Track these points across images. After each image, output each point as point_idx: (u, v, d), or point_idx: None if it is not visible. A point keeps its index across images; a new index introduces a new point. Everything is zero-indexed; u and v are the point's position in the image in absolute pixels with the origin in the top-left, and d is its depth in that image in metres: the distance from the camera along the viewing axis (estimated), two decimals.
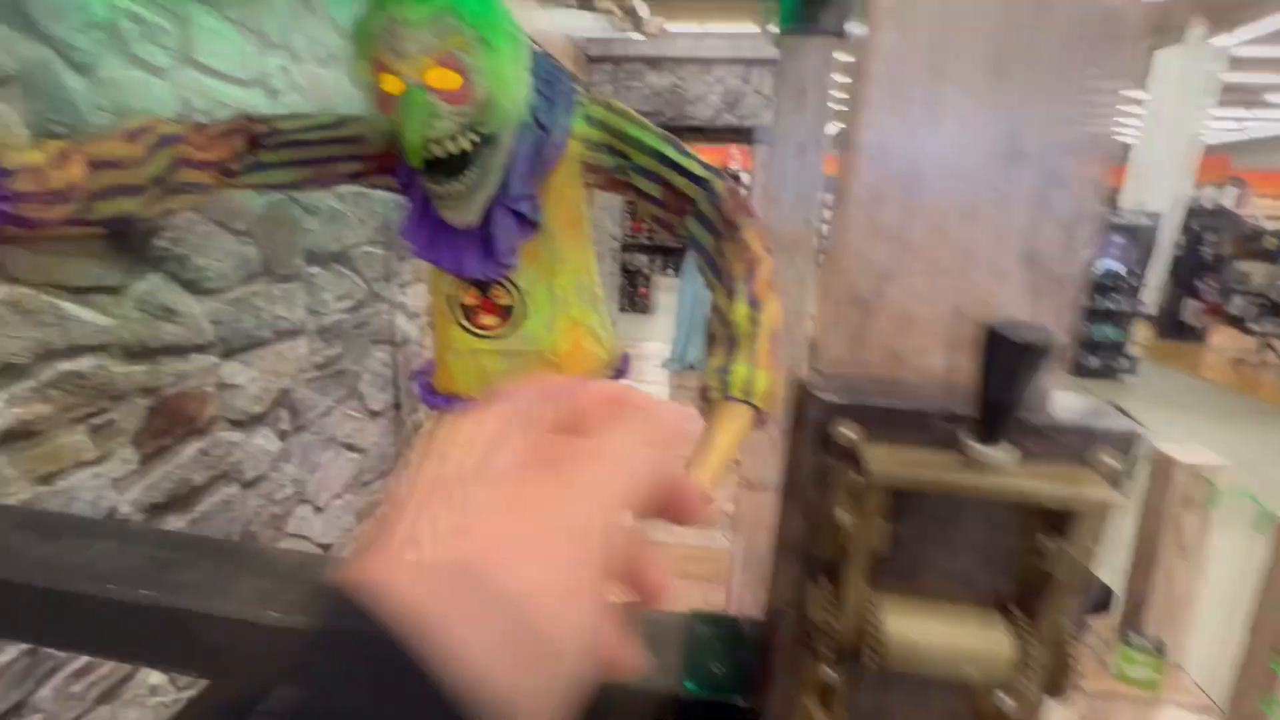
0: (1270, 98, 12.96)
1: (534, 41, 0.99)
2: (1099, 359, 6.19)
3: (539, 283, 1.16)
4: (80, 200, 0.86)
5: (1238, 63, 9.76)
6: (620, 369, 1.35)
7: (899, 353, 0.38)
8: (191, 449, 1.26)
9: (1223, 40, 8.51)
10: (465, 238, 1.08)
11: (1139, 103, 9.17)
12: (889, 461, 0.32)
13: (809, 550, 0.38)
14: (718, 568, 2.32)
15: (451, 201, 0.99)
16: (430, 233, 1.08)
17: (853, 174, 0.34)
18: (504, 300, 1.17)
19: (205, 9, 1.21)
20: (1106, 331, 6.02)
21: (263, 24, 1.36)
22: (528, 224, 1.07)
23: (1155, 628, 1.84)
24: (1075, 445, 0.31)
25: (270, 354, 1.46)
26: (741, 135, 4.19)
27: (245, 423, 1.41)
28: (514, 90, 0.94)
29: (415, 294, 2.15)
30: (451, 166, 0.94)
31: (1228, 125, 15.06)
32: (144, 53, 1.10)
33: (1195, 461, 1.76)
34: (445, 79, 0.88)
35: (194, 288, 1.23)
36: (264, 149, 1.03)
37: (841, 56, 1.55)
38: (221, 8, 1.25)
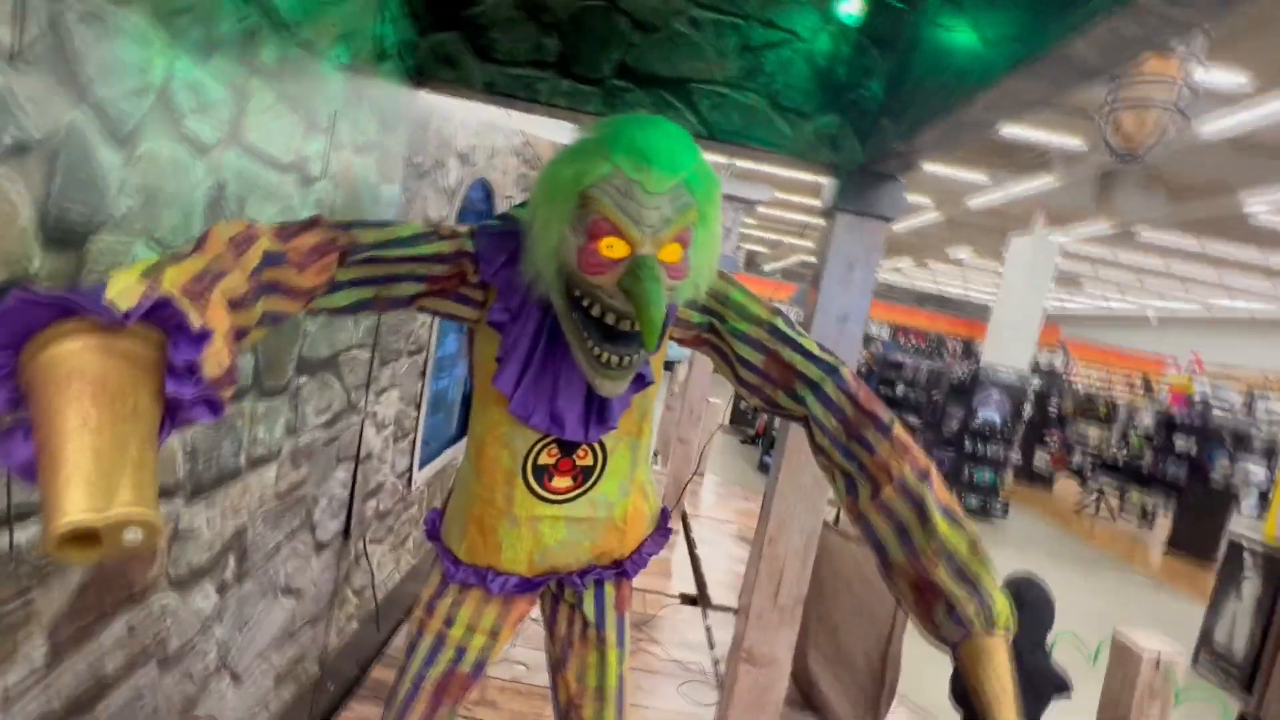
0: (1087, 285, 15.97)
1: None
2: (977, 499, 6.78)
3: (623, 442, 1.04)
4: None
5: (1067, 253, 11.99)
6: (663, 528, 1.22)
7: None
8: (117, 627, 0.92)
9: (1057, 236, 10.46)
10: (567, 396, 0.94)
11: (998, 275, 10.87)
12: None
13: None
14: None
15: (622, 373, 0.87)
16: (529, 387, 0.93)
17: None
18: (585, 461, 1.02)
19: (265, 83, 1.02)
20: (985, 475, 6.65)
21: (314, 105, 1.18)
22: (642, 383, 0.97)
23: None
24: None
25: (237, 488, 1.15)
26: None
27: (187, 580, 1.07)
28: (711, 265, 0.88)
29: (386, 402, 1.87)
30: (635, 339, 0.84)
31: (1055, 302, 18.23)
32: (194, 127, 0.88)
33: (1156, 652, 1.85)
34: (674, 254, 0.80)
35: None
36: (342, 266, 0.83)
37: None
38: (286, 87, 1.07)
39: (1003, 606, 0.82)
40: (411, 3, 1.46)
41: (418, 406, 2.16)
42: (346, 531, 1.74)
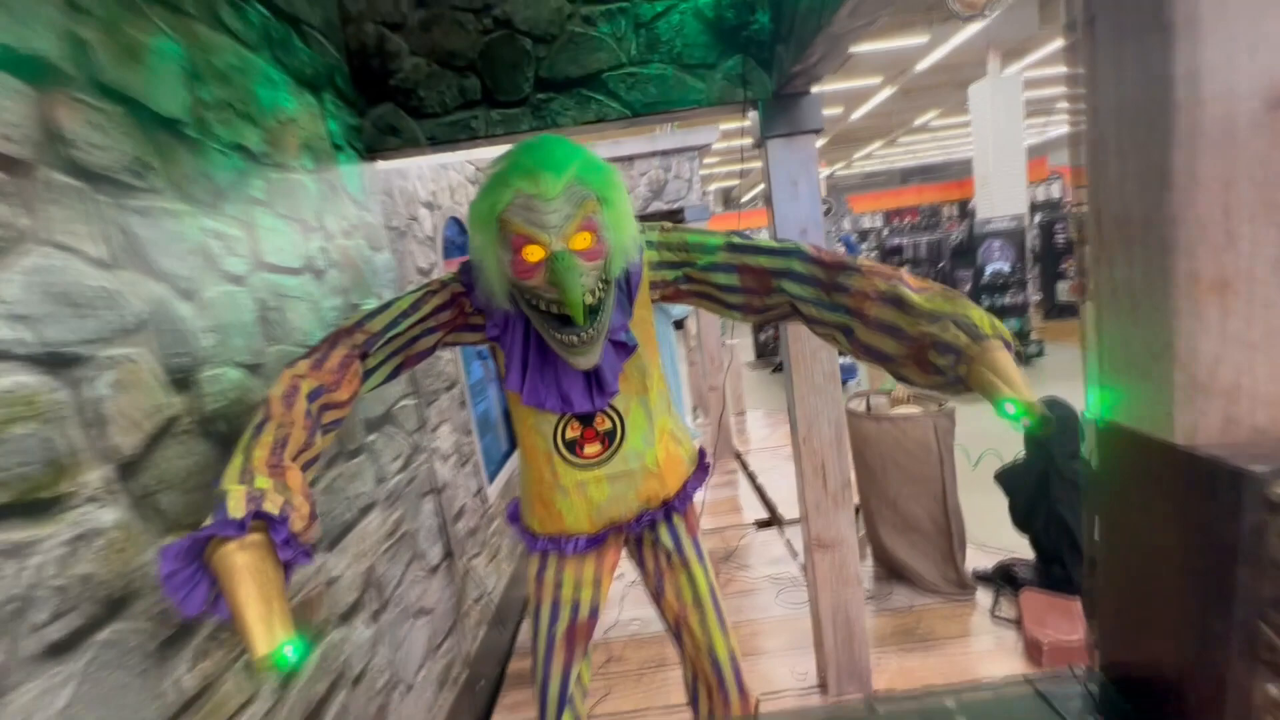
0: (1059, 105, 15.50)
1: None
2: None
3: (633, 401, 1.20)
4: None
5: (1031, 82, 11.69)
6: (702, 465, 1.39)
7: (1257, 424, 0.49)
8: (313, 658, 1.17)
9: (1014, 68, 10.22)
10: (569, 378, 1.10)
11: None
12: None
13: (1255, 600, 0.46)
14: (795, 636, 2.32)
15: (584, 348, 1.01)
16: (534, 380, 1.10)
17: None
18: (605, 426, 1.18)
19: (263, 210, 1.23)
20: (1012, 324, 6.72)
21: (302, 211, 1.38)
22: (625, 349, 1.12)
23: None
24: None
25: (356, 536, 1.39)
26: (670, 217, 4.50)
27: (346, 615, 1.32)
28: (628, 238, 1.02)
29: (442, 435, 2.11)
30: (587, 315, 0.98)
31: (1032, 132, 17.79)
32: (229, 265, 1.09)
33: None
34: (584, 241, 0.95)
35: None
36: (367, 357, 1.04)
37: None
38: (278, 205, 1.27)
39: (981, 317, 0.86)
40: (343, 93, 1.64)
41: (469, 432, 2.39)
42: (449, 553, 1.99)
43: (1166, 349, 0.50)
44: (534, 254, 0.94)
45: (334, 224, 1.52)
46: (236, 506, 0.73)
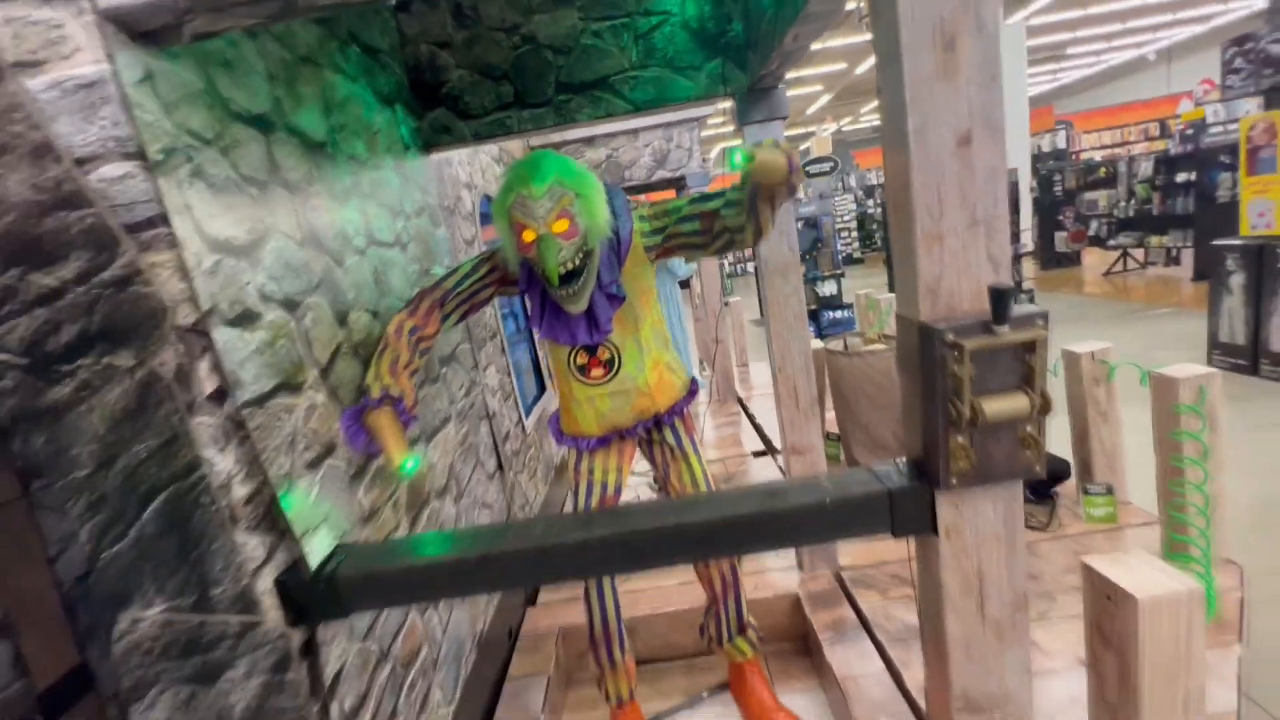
0: (1070, 50, 15.29)
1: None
2: None
3: (628, 337, 1.63)
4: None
5: (1035, 30, 11.62)
6: (692, 390, 1.86)
7: (951, 305, 0.95)
8: (425, 514, 1.69)
9: (1017, 17, 10.22)
10: (575, 319, 1.55)
11: None
12: (971, 344, 0.87)
13: (944, 393, 0.93)
14: None
15: (572, 298, 1.46)
16: (550, 321, 1.57)
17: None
18: (606, 355, 1.64)
19: (370, 201, 1.69)
20: None
21: (390, 200, 1.84)
22: (616, 299, 1.54)
23: (1103, 477, 2.50)
24: (1030, 321, 0.89)
25: (442, 438, 1.90)
26: (673, 184, 4.89)
27: (440, 493, 1.83)
28: (600, 220, 1.45)
29: (490, 374, 2.60)
30: (570, 277, 1.43)
31: (1043, 80, 17.51)
32: (356, 243, 1.57)
33: (1092, 350, 2.46)
34: (562, 225, 1.38)
35: None
36: (444, 306, 1.52)
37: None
38: (377, 197, 1.73)
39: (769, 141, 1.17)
40: (408, 103, 2.08)
41: (509, 374, 2.89)
42: (500, 466, 2.51)
43: (914, 272, 0.96)
44: (529, 236, 1.39)
45: (409, 207, 1.98)
46: (375, 392, 1.27)
